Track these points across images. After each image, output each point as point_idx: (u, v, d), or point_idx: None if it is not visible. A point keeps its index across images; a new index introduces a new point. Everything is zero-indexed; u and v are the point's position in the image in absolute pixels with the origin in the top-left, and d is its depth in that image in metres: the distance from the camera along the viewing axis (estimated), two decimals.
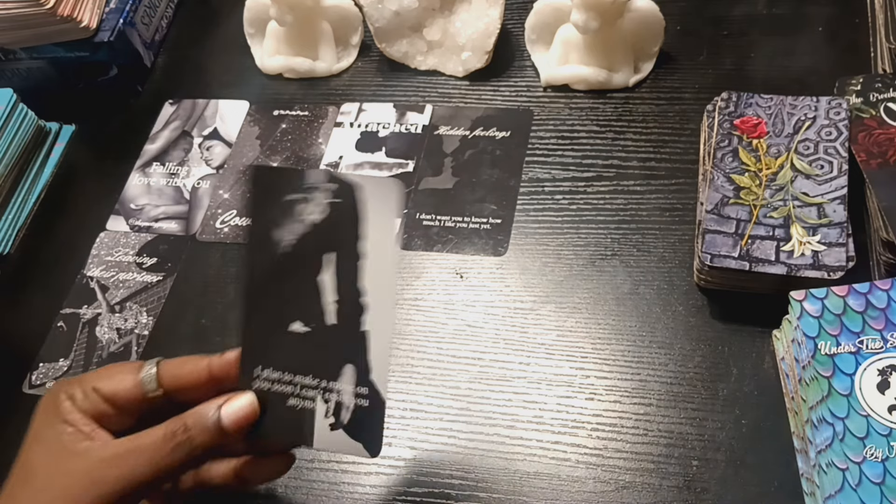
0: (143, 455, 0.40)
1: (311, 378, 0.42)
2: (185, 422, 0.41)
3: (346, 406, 0.42)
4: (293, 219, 0.42)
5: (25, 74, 0.76)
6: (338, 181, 0.41)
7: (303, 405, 0.42)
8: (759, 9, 0.68)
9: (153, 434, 0.40)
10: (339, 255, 0.42)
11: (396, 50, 0.71)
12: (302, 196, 0.42)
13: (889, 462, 0.41)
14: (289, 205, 0.42)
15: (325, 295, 0.42)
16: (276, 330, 0.43)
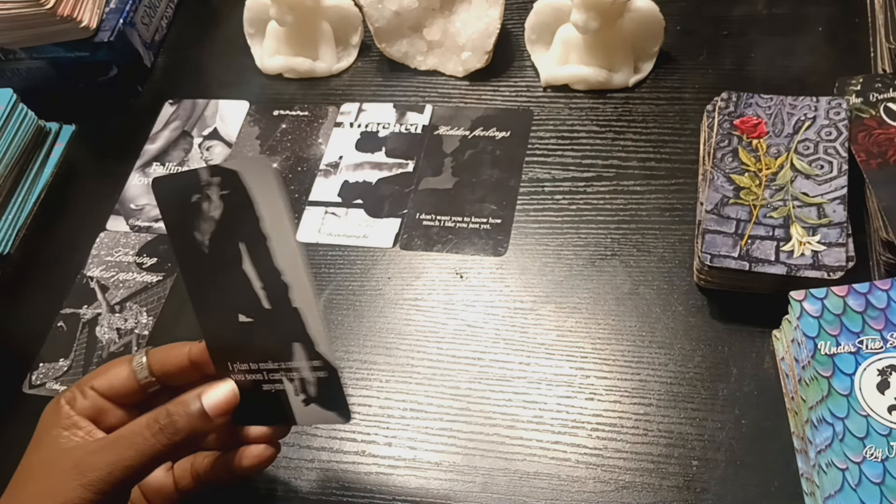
0: (128, 441, 0.41)
1: (272, 363, 0.44)
2: (167, 409, 0.42)
3: (309, 381, 0.44)
4: (202, 218, 0.44)
5: (25, 74, 0.76)
6: (220, 172, 0.43)
7: (274, 388, 0.45)
8: (759, 9, 0.68)
9: (137, 422, 0.42)
10: (248, 242, 0.43)
11: (396, 50, 0.71)
12: (201, 195, 0.43)
13: (889, 462, 0.41)
14: (195, 206, 0.43)
15: (253, 282, 0.44)
16: (229, 325, 0.45)
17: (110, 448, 0.41)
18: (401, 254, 0.61)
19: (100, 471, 0.40)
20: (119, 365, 0.46)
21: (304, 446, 0.53)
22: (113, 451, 0.41)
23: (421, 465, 0.51)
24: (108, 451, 0.41)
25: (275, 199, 0.42)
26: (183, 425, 0.42)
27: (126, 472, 0.41)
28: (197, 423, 0.42)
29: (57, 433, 0.43)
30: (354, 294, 0.60)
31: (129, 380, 0.45)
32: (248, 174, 0.42)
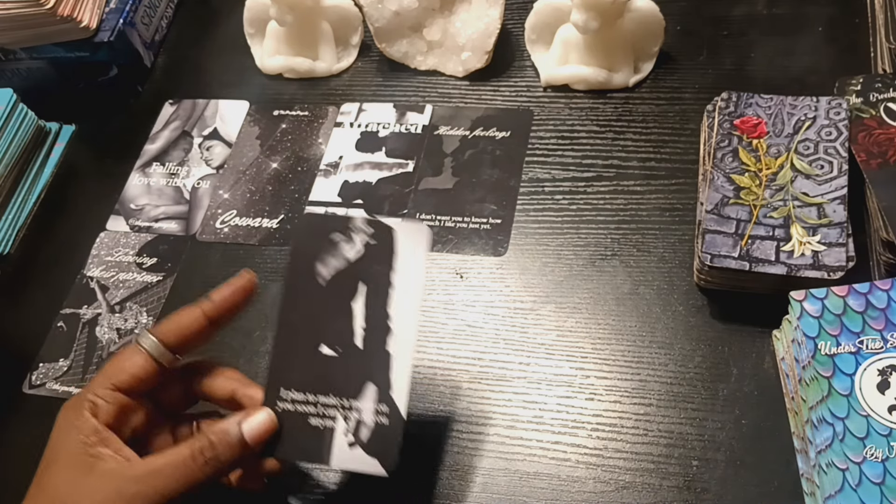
0: (173, 471, 0.41)
1: (334, 397, 0.46)
2: (209, 439, 0.42)
3: (366, 423, 0.45)
4: (334, 255, 0.47)
5: (25, 74, 0.76)
6: (376, 226, 0.47)
7: (324, 424, 0.45)
8: (759, 9, 0.68)
9: (181, 452, 0.42)
10: (371, 285, 0.47)
11: (396, 50, 0.71)
12: (344, 236, 0.47)
13: (889, 462, 0.41)
14: (333, 243, 0.47)
15: (356, 320, 0.46)
16: (306, 353, 0.46)
17: (156, 477, 0.41)
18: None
19: (146, 499, 0.40)
20: (129, 355, 0.45)
21: None
22: (159, 481, 0.41)
23: (421, 466, 0.51)
24: (153, 479, 0.41)
25: (417, 260, 0.47)
26: (227, 457, 0.42)
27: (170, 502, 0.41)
28: (237, 452, 0.43)
29: (84, 450, 0.42)
30: None
31: (147, 364, 0.44)
32: (402, 234, 0.47)
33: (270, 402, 0.46)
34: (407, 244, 0.47)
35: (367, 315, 0.47)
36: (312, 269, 0.48)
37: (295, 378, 0.46)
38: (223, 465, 0.42)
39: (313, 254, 0.48)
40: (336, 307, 0.47)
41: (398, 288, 0.46)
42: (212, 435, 0.42)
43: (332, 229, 0.48)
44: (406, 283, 0.46)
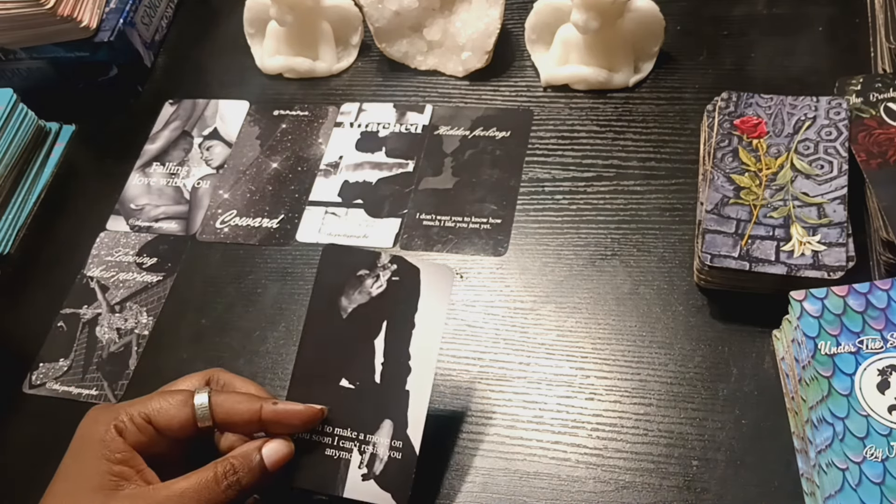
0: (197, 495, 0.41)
1: (351, 431, 0.47)
2: (231, 463, 0.43)
3: (380, 458, 0.46)
4: (359, 290, 0.49)
5: (25, 74, 0.76)
6: (401, 263, 0.49)
7: (339, 455, 0.46)
8: (759, 9, 0.68)
9: (204, 475, 0.42)
10: (393, 322, 0.48)
11: (396, 50, 0.71)
12: (370, 272, 0.49)
13: (889, 462, 0.41)
14: (358, 279, 0.49)
15: (376, 356, 0.48)
16: (325, 385, 0.47)
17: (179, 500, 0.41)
18: (401, 253, 0.61)
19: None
20: (178, 405, 0.44)
21: None
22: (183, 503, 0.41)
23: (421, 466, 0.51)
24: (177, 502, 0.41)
25: (440, 301, 0.48)
26: (247, 481, 0.43)
27: None
28: (257, 477, 0.43)
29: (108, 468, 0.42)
30: None
31: (188, 422, 0.44)
32: (427, 275, 0.48)
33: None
34: (431, 285, 0.48)
35: (386, 352, 0.48)
36: (336, 302, 0.49)
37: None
38: (244, 489, 0.42)
39: (338, 288, 0.49)
40: (357, 342, 0.48)
41: (419, 327, 0.48)
42: (234, 460, 0.43)
43: (358, 265, 0.49)
44: (427, 323, 0.48)
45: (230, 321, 0.60)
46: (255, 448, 0.44)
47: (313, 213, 0.65)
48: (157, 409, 0.44)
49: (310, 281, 0.60)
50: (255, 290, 0.61)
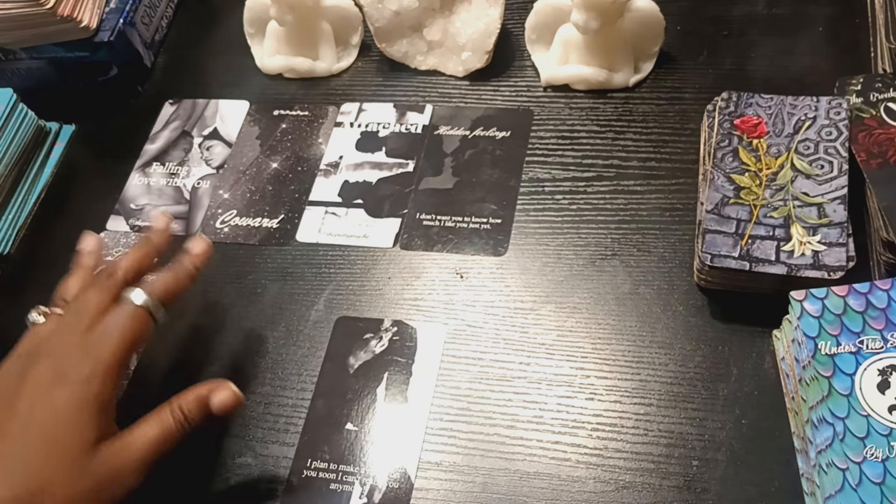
0: (163, 439, 0.46)
1: (353, 466, 0.52)
2: (181, 409, 0.47)
3: (379, 489, 0.51)
4: (364, 349, 0.56)
5: (25, 74, 0.75)
6: (400, 326, 0.57)
7: (342, 489, 0.51)
8: (759, 9, 0.68)
9: (165, 422, 0.47)
10: (393, 373, 0.55)
11: (396, 50, 0.71)
12: (374, 336, 0.57)
13: (889, 462, 0.41)
14: (365, 342, 0.57)
15: (378, 402, 0.54)
16: (332, 430, 0.53)
17: (151, 447, 0.46)
18: (401, 254, 0.61)
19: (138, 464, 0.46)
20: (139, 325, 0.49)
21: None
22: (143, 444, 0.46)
23: (421, 465, 0.51)
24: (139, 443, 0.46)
25: (434, 354, 0.55)
26: (197, 423, 0.48)
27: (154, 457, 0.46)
28: (204, 419, 0.48)
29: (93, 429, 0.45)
30: (354, 294, 0.59)
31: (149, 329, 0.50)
32: (422, 332, 0.56)
33: (297, 471, 0.52)
34: (426, 340, 0.56)
35: (387, 396, 0.54)
36: (345, 362, 0.56)
37: (321, 451, 0.53)
38: (193, 424, 0.47)
39: (346, 351, 0.57)
40: (361, 391, 0.55)
41: (416, 375, 0.55)
42: (186, 404, 0.47)
43: (364, 331, 0.57)
44: (423, 371, 0.55)
45: (230, 321, 0.60)
46: (204, 394, 0.48)
47: (313, 213, 0.65)
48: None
49: (310, 281, 0.61)
50: (255, 290, 0.61)
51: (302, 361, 0.57)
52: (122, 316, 0.48)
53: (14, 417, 0.44)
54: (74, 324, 0.48)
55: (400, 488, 0.51)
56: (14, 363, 0.47)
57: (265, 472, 0.53)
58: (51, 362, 0.46)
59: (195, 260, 0.52)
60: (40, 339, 0.48)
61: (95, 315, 0.48)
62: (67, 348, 0.46)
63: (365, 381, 0.55)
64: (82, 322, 0.47)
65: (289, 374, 0.57)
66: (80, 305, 0.49)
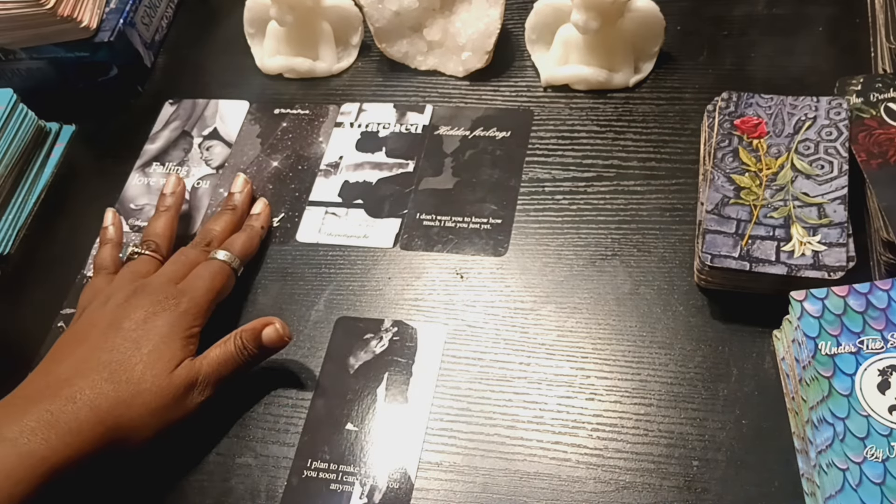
0: (225, 359, 0.53)
1: (353, 467, 0.52)
2: (241, 338, 0.54)
3: (379, 488, 0.51)
4: (364, 350, 0.56)
5: (25, 74, 0.75)
6: (400, 326, 0.57)
7: (342, 489, 0.51)
8: (759, 9, 0.68)
9: (227, 345, 0.54)
10: (393, 373, 0.55)
11: (396, 50, 0.71)
12: (374, 336, 0.57)
13: (889, 462, 0.41)
14: (365, 342, 0.57)
15: (378, 402, 0.54)
16: (333, 430, 0.53)
17: (217, 364, 0.53)
18: (401, 254, 0.61)
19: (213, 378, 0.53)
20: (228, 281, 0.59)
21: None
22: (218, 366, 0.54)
23: (421, 465, 0.51)
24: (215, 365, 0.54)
25: (434, 354, 0.55)
26: (253, 351, 0.54)
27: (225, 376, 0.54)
28: (259, 349, 0.54)
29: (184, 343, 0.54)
30: (354, 294, 0.60)
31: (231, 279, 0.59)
32: (422, 332, 0.56)
33: (297, 471, 0.52)
34: (426, 340, 0.56)
35: (387, 397, 0.54)
36: (345, 362, 0.56)
37: (321, 452, 0.53)
38: (252, 355, 0.54)
39: (346, 351, 0.57)
40: (361, 391, 0.55)
41: (416, 375, 0.55)
42: (244, 333, 0.54)
43: (365, 331, 0.57)
44: (423, 371, 0.55)
45: (230, 321, 0.60)
46: (258, 328, 0.54)
47: (313, 214, 0.65)
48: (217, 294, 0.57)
49: (310, 281, 0.61)
50: (255, 290, 0.61)
51: (302, 361, 0.57)
52: (211, 268, 0.57)
53: (120, 333, 0.52)
54: (172, 273, 0.57)
55: (400, 488, 0.51)
56: (118, 291, 0.56)
57: (265, 472, 0.53)
58: (153, 297, 0.54)
59: (262, 221, 0.63)
60: (139, 275, 0.57)
61: (190, 269, 0.57)
62: (167, 289, 0.55)
63: (365, 381, 0.55)
64: (179, 273, 0.57)
65: (289, 374, 0.57)
66: (180, 258, 0.58)
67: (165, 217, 0.62)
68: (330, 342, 0.57)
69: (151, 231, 0.61)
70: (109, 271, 0.60)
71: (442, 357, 0.55)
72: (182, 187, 0.65)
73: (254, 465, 0.53)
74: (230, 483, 0.53)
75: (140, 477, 0.54)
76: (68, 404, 0.48)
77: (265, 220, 0.64)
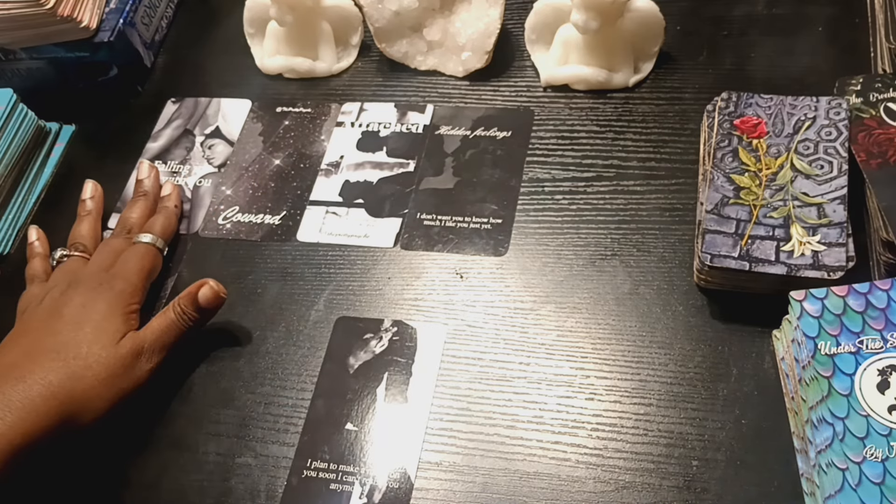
0: (168, 327, 0.56)
1: (353, 466, 0.52)
2: (181, 303, 0.57)
3: (379, 488, 0.51)
4: (364, 350, 0.56)
5: (25, 74, 0.76)
6: (400, 326, 0.57)
7: (342, 489, 0.51)
8: (759, 9, 0.69)
9: (168, 314, 0.56)
10: (393, 373, 0.55)
11: (396, 50, 0.71)
12: (374, 335, 0.57)
13: (889, 462, 0.41)
14: (365, 342, 0.57)
15: (378, 402, 0.54)
16: (332, 430, 0.53)
17: (159, 333, 0.56)
18: (401, 253, 0.61)
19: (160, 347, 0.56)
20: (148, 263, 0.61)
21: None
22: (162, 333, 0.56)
23: (421, 465, 0.51)
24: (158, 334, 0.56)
25: (434, 354, 0.55)
26: (192, 315, 0.57)
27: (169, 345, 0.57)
28: (199, 312, 0.57)
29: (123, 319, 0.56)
30: (354, 294, 0.60)
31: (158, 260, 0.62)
32: (422, 332, 0.56)
33: (297, 471, 0.52)
34: (426, 340, 0.56)
35: (387, 397, 0.54)
36: (345, 362, 0.56)
37: (321, 451, 0.53)
38: (193, 318, 0.57)
39: (346, 351, 0.57)
40: (361, 391, 0.55)
41: (416, 375, 0.55)
42: (182, 300, 0.57)
43: (364, 331, 0.57)
44: (423, 371, 0.55)
45: (230, 321, 0.60)
46: (193, 291, 0.57)
47: (314, 213, 0.65)
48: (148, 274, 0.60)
49: (310, 281, 0.61)
50: (255, 290, 0.61)
51: (302, 361, 0.57)
52: (138, 251, 0.60)
53: (62, 319, 0.55)
54: (101, 261, 0.60)
55: (400, 488, 0.51)
56: (54, 287, 0.58)
57: (265, 472, 0.53)
58: (87, 285, 0.57)
59: (174, 200, 0.66)
60: (71, 271, 0.60)
61: (117, 256, 0.60)
62: (99, 276, 0.58)
63: (365, 381, 0.55)
64: (108, 261, 0.59)
65: (289, 374, 0.57)
66: (105, 249, 0.61)
67: (88, 220, 0.65)
68: (330, 342, 0.57)
69: (77, 234, 0.64)
70: (42, 279, 0.62)
71: (442, 357, 0.55)
72: (100, 192, 0.67)
73: (254, 465, 0.53)
74: (230, 483, 0.53)
75: (140, 477, 0.54)
76: (18, 383, 0.50)
77: (176, 199, 0.67)
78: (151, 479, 0.54)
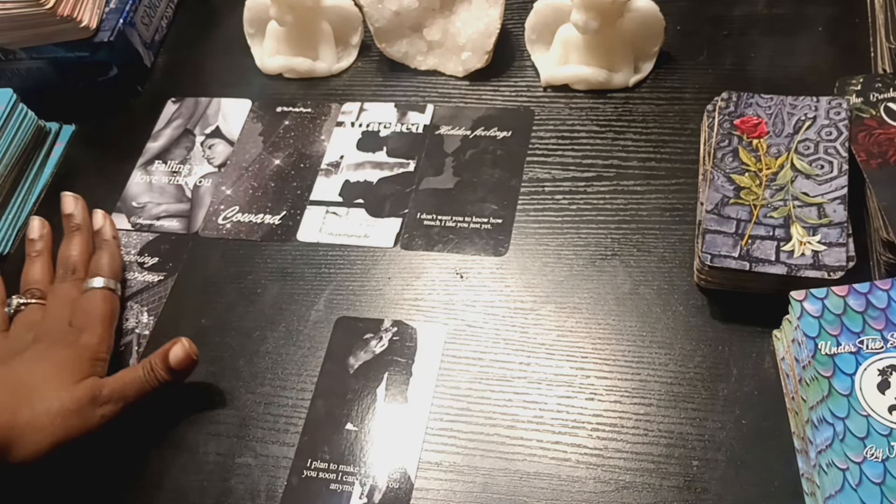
0: (134, 383, 0.54)
1: (353, 467, 0.52)
2: (151, 361, 0.54)
3: (379, 488, 0.51)
4: (364, 350, 0.56)
5: (25, 74, 0.75)
6: (400, 326, 0.57)
7: (342, 489, 0.51)
8: (759, 9, 0.69)
9: (137, 370, 0.54)
10: (393, 373, 0.55)
11: (396, 50, 0.71)
12: (374, 335, 0.57)
13: (889, 462, 0.41)
14: (365, 342, 0.57)
15: (378, 402, 0.54)
16: (332, 430, 0.53)
17: (126, 385, 0.54)
18: (401, 253, 0.61)
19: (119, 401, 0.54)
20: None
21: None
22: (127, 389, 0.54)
23: (421, 465, 0.51)
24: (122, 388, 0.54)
25: (434, 354, 0.55)
26: (163, 374, 0.54)
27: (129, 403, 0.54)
28: (169, 371, 0.54)
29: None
30: (355, 294, 0.60)
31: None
32: (422, 332, 0.56)
33: (297, 471, 0.52)
34: (426, 340, 0.56)
35: (387, 397, 0.54)
36: (345, 362, 0.56)
37: (321, 451, 0.53)
38: (162, 377, 0.54)
39: (346, 351, 0.57)
40: (361, 391, 0.55)
41: (416, 375, 0.55)
42: (153, 359, 0.54)
43: (364, 331, 0.57)
44: (423, 371, 0.55)
45: (230, 321, 0.60)
46: (166, 350, 0.54)
47: (314, 213, 0.65)
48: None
49: (310, 281, 0.61)
50: (255, 290, 0.61)
51: (302, 361, 0.57)
52: (94, 298, 0.58)
53: (24, 359, 0.54)
54: (59, 314, 0.57)
55: (400, 488, 0.51)
56: (14, 337, 0.57)
57: (265, 472, 0.53)
58: (49, 340, 0.55)
59: (110, 232, 0.64)
60: (32, 324, 0.58)
61: (72, 305, 0.58)
62: (62, 332, 0.56)
63: (365, 381, 0.55)
64: (65, 311, 0.57)
65: (289, 374, 0.57)
66: (58, 299, 0.59)
67: (40, 262, 0.63)
68: (330, 342, 0.57)
69: (31, 278, 0.62)
70: (1, 329, 0.59)
71: (442, 357, 0.55)
72: (48, 230, 0.65)
73: (254, 465, 0.53)
74: (230, 483, 0.53)
75: (140, 477, 0.54)
76: None
77: (112, 230, 0.64)
78: (151, 479, 0.54)
